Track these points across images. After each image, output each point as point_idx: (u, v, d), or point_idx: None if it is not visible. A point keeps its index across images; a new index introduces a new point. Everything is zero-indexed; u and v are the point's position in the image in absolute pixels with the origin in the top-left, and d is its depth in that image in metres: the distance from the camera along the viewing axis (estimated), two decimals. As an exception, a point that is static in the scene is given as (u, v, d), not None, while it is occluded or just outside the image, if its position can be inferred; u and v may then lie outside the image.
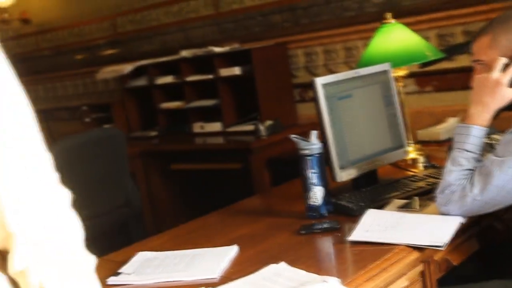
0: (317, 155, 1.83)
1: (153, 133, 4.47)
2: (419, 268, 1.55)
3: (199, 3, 4.79)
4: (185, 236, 1.89)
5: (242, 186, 3.50)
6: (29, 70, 6.58)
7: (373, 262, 1.45)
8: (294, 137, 1.86)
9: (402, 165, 2.23)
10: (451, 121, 2.77)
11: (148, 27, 5.23)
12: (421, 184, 1.96)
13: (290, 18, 4.22)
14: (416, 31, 2.47)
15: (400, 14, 3.60)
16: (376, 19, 3.76)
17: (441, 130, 2.69)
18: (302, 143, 1.84)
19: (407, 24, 2.48)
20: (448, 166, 1.65)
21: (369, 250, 1.53)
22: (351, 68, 3.90)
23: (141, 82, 4.51)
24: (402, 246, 1.51)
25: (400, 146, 2.17)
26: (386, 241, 1.51)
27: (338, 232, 1.69)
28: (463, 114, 2.89)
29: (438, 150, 2.46)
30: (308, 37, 4.15)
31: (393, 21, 2.40)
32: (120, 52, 5.48)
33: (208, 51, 4.04)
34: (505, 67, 1.64)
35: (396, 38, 2.37)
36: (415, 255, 1.50)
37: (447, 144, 2.38)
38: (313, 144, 1.83)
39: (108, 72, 4.42)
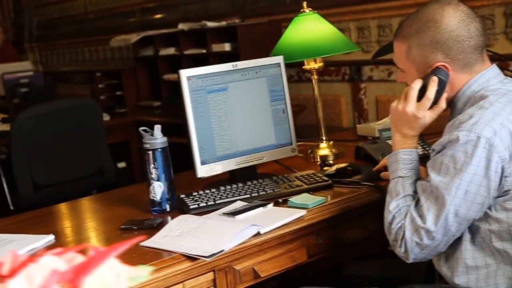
0: (159, 150, 1.80)
1: (157, 103, 4.55)
2: (209, 276, 1.51)
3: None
4: (34, 219, 1.93)
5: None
6: (77, 31, 6.84)
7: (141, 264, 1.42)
8: (142, 130, 1.84)
9: (285, 163, 2.14)
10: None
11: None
12: (282, 187, 1.88)
13: (293, -5, 4.10)
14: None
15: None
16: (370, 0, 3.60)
17: (377, 126, 2.52)
18: (145, 137, 1.81)
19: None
20: (387, 199, 1.50)
21: (152, 253, 1.50)
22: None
23: (149, 52, 4.57)
24: (177, 254, 1.47)
25: (287, 143, 2.08)
26: (165, 248, 1.48)
27: (157, 230, 1.66)
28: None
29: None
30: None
31: (308, 10, 2.27)
32: (147, 20, 5.58)
33: (202, 25, 4.02)
34: (422, 90, 1.48)
35: (310, 28, 2.25)
36: (188, 263, 1.45)
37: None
38: (155, 139, 1.80)
39: (118, 40, 4.52)
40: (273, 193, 1.84)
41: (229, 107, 1.98)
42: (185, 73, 1.91)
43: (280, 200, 1.79)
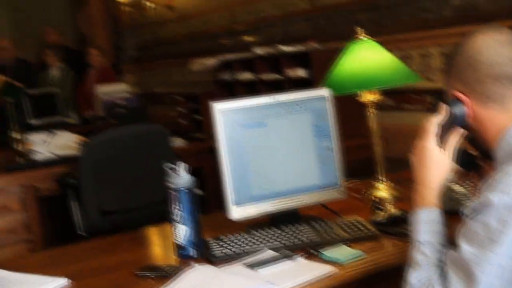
0: (183, 189, 1.67)
1: (234, 129, 4.46)
2: None
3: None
4: (51, 259, 1.86)
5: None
6: (168, 53, 6.97)
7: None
8: (167, 166, 1.72)
9: (331, 207, 1.93)
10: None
11: (257, 19, 5.20)
12: (319, 235, 1.68)
13: (374, 18, 3.88)
14: None
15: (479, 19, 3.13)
16: (453, 23, 3.32)
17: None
18: (169, 175, 1.69)
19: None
20: (406, 267, 1.29)
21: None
22: (427, 78, 3.50)
23: (227, 76, 4.51)
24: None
25: (333, 184, 1.89)
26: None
27: (169, 280, 1.52)
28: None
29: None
30: (385, 40, 3.77)
31: (363, 37, 2.07)
32: (233, 42, 5.54)
33: (277, 50, 3.89)
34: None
35: (365, 57, 2.05)
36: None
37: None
38: (179, 178, 1.67)
39: (198, 64, 4.50)
40: (308, 243, 1.66)
41: (266, 144, 1.82)
42: (218, 106, 1.78)
43: (313, 252, 1.60)
